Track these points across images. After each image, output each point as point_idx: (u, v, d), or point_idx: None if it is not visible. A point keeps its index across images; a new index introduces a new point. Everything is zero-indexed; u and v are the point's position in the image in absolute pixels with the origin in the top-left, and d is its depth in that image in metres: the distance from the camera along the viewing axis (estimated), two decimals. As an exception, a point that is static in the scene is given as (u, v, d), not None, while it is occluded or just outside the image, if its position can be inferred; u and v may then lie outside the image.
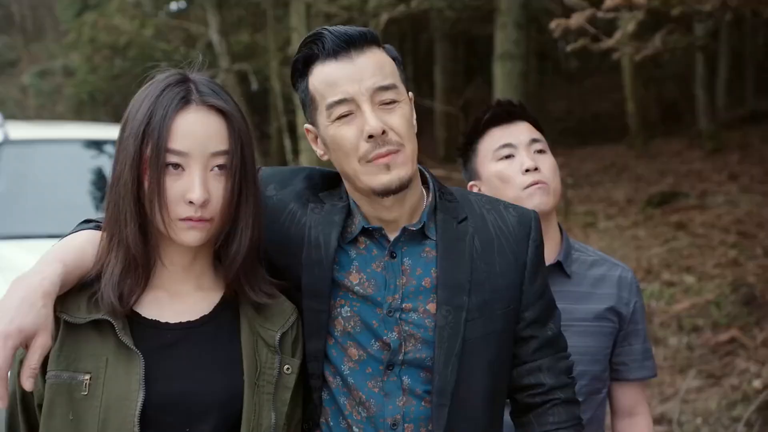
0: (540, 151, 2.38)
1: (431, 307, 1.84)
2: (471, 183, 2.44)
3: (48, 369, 1.69)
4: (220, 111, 1.72)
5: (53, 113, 19.61)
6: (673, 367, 6.24)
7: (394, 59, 1.84)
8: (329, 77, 1.79)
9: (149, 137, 1.68)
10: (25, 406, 1.75)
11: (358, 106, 1.77)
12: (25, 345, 1.58)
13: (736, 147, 11.81)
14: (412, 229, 1.86)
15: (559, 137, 15.16)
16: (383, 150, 1.76)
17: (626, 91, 13.60)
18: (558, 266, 2.38)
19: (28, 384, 1.57)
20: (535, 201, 2.32)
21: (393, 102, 1.78)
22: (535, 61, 16.63)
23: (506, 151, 2.37)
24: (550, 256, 2.37)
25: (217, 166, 1.71)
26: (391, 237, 1.86)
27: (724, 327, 6.47)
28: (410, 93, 1.87)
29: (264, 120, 17.21)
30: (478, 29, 15.96)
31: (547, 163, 2.37)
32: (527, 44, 13.17)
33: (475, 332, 1.83)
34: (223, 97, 1.74)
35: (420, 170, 1.93)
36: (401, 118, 1.78)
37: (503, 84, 11.79)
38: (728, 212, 9.03)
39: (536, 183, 2.33)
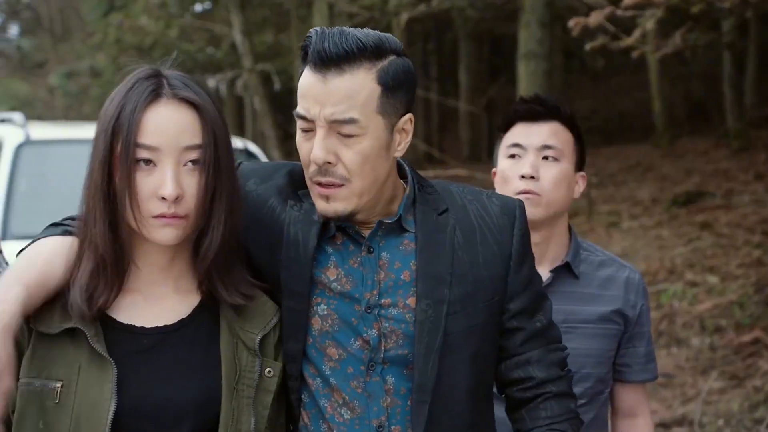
0: (550, 158, 2.33)
1: (411, 301, 1.78)
2: (493, 170, 2.44)
3: (20, 376, 1.65)
4: (192, 104, 1.67)
5: (80, 113, 19.80)
6: (695, 368, 6.18)
7: (383, 85, 1.71)
8: (302, 87, 1.73)
9: (119, 132, 1.63)
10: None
11: (315, 129, 1.72)
12: None
13: (763, 146, 11.67)
14: (387, 222, 1.80)
15: (585, 136, 15.07)
16: (324, 180, 1.72)
17: (652, 89, 13.49)
18: (566, 267, 2.35)
19: None
20: None
21: (351, 136, 1.70)
22: (560, 59, 16.54)
23: (514, 151, 2.35)
24: (559, 256, 2.36)
25: (190, 161, 1.66)
26: (366, 232, 1.81)
27: (748, 328, 6.40)
28: (407, 115, 1.78)
29: (288, 120, 17.23)
30: (503, 28, 15.92)
31: (552, 172, 2.32)
32: (552, 42, 13.10)
33: (457, 326, 1.78)
34: (195, 89, 1.69)
35: (399, 163, 1.87)
36: (356, 154, 1.70)
37: (527, 83, 11.73)
38: (754, 212, 8.93)
39: (527, 192, 2.29)
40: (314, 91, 1.70)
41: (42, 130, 6.34)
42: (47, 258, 1.67)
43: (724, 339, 6.37)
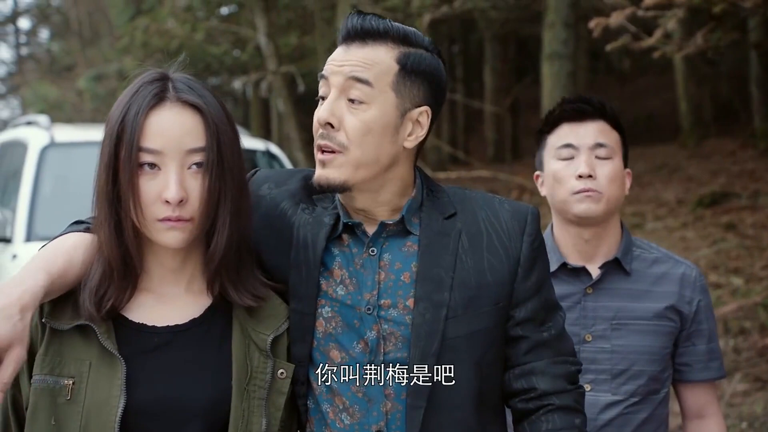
0: (603, 157, 2.33)
1: (411, 302, 1.76)
2: (536, 173, 2.44)
3: (33, 373, 1.67)
4: (196, 107, 1.68)
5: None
6: (718, 370, 6.12)
7: (402, 65, 1.74)
8: (329, 58, 1.79)
9: (123, 136, 1.65)
10: (15, 408, 1.74)
11: (328, 91, 1.76)
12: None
13: (791, 146, 11.55)
14: (389, 223, 1.80)
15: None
16: (322, 143, 1.73)
17: (679, 90, 13.39)
18: (617, 263, 2.35)
19: None
20: (582, 207, 2.31)
21: (359, 102, 1.72)
22: (586, 60, 16.46)
23: (566, 152, 2.34)
24: (611, 253, 2.35)
25: (194, 163, 1.67)
26: (370, 232, 1.80)
27: (772, 330, 6.34)
28: (423, 107, 1.78)
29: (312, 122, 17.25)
30: (528, 29, 15.87)
31: (607, 170, 2.32)
32: (578, 43, 13.04)
33: (458, 330, 1.75)
34: (200, 92, 1.70)
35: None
36: (359, 122, 1.71)
37: (551, 84, 11.68)
38: (780, 213, 8.85)
39: (587, 191, 2.29)
40: (336, 58, 1.76)
41: (66, 133, 6.41)
42: (69, 251, 1.70)
43: (748, 341, 6.30)
